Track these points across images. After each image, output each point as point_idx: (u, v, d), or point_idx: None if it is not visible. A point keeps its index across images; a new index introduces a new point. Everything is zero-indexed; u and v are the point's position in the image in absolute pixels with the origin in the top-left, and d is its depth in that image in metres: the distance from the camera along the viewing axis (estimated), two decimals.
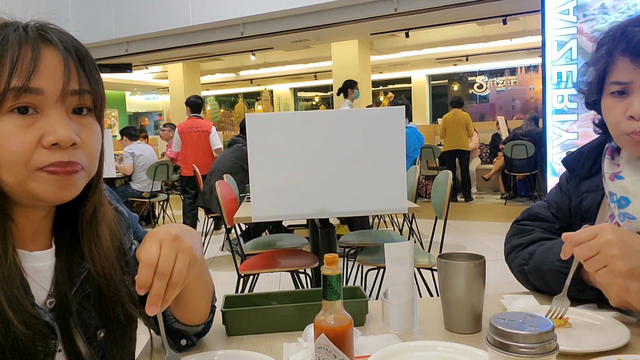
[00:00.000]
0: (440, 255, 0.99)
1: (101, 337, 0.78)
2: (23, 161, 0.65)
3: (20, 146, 0.65)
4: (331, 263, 0.70)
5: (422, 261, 2.72)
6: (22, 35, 0.65)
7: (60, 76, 0.66)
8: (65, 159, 0.67)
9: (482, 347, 0.81)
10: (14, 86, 0.64)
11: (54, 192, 0.68)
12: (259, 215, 2.17)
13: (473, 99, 14.68)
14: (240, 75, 14.71)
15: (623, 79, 0.94)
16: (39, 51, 0.65)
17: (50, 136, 0.66)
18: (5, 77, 0.64)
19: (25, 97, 0.65)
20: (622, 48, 0.93)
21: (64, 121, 0.67)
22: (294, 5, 6.91)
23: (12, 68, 0.64)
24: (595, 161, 1.10)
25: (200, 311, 0.92)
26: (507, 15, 7.35)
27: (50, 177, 0.67)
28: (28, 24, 0.68)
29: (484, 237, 5.46)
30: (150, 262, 0.69)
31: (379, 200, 2.15)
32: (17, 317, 0.66)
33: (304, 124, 2.14)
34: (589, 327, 0.91)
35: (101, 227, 0.77)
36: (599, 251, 0.82)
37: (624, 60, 0.93)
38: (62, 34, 0.69)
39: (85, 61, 0.69)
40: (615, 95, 0.96)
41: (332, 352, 0.71)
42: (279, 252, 3.07)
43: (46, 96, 0.66)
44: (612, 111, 0.97)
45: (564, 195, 1.16)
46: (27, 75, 0.64)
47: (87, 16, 8.12)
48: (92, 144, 0.71)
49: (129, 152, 6.24)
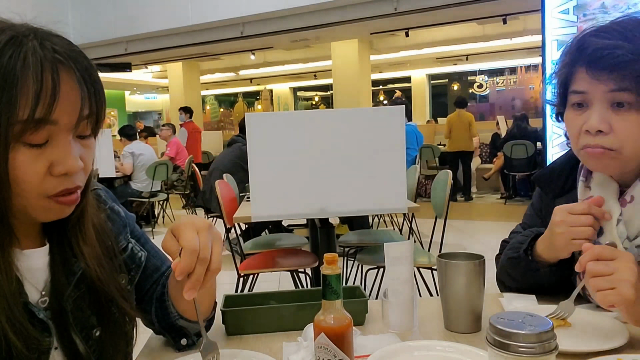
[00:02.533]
0: (440, 254, 0.99)
1: (97, 335, 0.79)
2: (35, 191, 0.67)
3: (31, 176, 0.66)
4: (331, 263, 0.70)
5: (422, 261, 2.72)
6: (41, 57, 0.63)
7: (76, 105, 0.66)
8: (72, 185, 0.70)
9: (481, 346, 0.81)
10: (37, 117, 0.63)
11: (54, 216, 0.71)
12: (259, 215, 2.17)
13: (473, 99, 14.68)
14: (240, 74, 14.72)
15: (580, 88, 0.92)
16: (59, 79, 0.64)
17: (60, 167, 0.67)
18: (30, 105, 0.62)
19: (43, 130, 0.64)
20: (580, 58, 0.92)
21: (72, 150, 0.68)
22: (293, 4, 6.91)
23: (37, 97, 0.62)
24: (568, 177, 1.07)
25: (204, 306, 0.92)
26: (507, 15, 7.35)
27: (55, 206, 0.70)
28: (36, 32, 0.66)
29: (483, 237, 5.46)
30: (194, 249, 0.73)
31: (378, 200, 2.15)
32: (11, 316, 0.66)
33: (303, 123, 2.14)
34: (588, 327, 0.91)
35: (87, 227, 0.78)
36: (613, 272, 0.79)
37: (582, 71, 0.91)
38: (72, 52, 0.67)
39: (95, 82, 0.69)
40: (575, 107, 0.94)
41: (331, 352, 0.71)
42: (279, 251, 3.07)
43: (59, 126, 0.66)
44: (572, 124, 0.95)
45: (537, 215, 1.14)
46: (48, 108, 0.63)
47: (86, 15, 8.11)
48: (90, 163, 0.73)
49: (129, 152, 6.23)
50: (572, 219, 0.92)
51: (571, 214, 0.92)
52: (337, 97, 9.72)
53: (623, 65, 0.86)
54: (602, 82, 0.88)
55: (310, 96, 18.59)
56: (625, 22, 0.90)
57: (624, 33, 0.88)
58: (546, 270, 1.02)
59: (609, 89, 0.88)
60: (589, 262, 0.82)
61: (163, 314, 0.92)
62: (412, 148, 5.45)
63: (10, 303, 0.66)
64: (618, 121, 0.88)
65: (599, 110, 0.90)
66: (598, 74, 0.88)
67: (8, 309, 0.66)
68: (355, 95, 9.27)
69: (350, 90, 9.37)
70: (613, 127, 0.89)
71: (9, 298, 0.67)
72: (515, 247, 1.06)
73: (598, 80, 0.89)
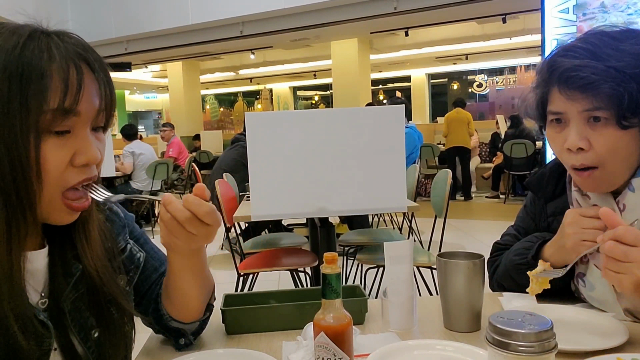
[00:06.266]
0: (439, 254, 0.99)
1: (95, 336, 0.79)
2: (56, 182, 0.68)
3: (56, 166, 0.67)
4: (331, 262, 0.70)
5: (422, 260, 2.72)
6: (65, 50, 0.66)
7: (95, 98, 0.69)
8: (90, 175, 0.71)
9: (481, 345, 0.81)
10: (66, 107, 0.65)
11: (61, 220, 0.72)
12: (259, 214, 2.17)
13: (472, 98, 14.68)
14: (240, 74, 14.71)
15: (556, 109, 0.92)
16: (82, 72, 0.67)
17: (82, 156, 0.68)
18: (60, 94, 0.64)
19: (68, 120, 0.66)
20: (551, 79, 0.92)
21: (92, 141, 0.70)
22: (293, 3, 6.91)
23: (65, 87, 0.65)
24: (558, 182, 1.07)
25: (194, 306, 0.91)
26: (507, 14, 7.35)
27: (67, 211, 0.71)
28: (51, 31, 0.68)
29: (483, 236, 5.46)
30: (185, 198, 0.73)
31: (378, 199, 2.15)
32: (14, 316, 0.66)
33: (303, 122, 2.14)
34: (588, 326, 0.91)
35: (93, 228, 0.78)
36: (631, 262, 0.75)
37: (556, 91, 0.91)
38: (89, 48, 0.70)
39: (108, 77, 0.72)
40: (554, 124, 0.94)
41: (331, 351, 0.71)
42: (279, 251, 3.07)
43: (81, 117, 0.68)
44: (553, 143, 0.96)
45: (530, 219, 1.15)
46: (75, 98, 0.65)
47: (86, 15, 8.11)
48: (103, 156, 0.74)
49: (129, 152, 6.22)
50: (583, 221, 0.92)
51: (583, 217, 0.92)
52: (337, 97, 9.72)
53: (592, 86, 0.85)
54: (576, 101, 0.88)
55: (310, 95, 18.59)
56: (593, 39, 0.90)
57: (593, 51, 0.88)
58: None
59: (584, 108, 0.88)
60: (610, 241, 0.77)
61: (157, 315, 0.92)
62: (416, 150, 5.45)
63: (18, 302, 0.67)
64: (596, 137, 0.89)
65: (576, 127, 0.90)
66: (571, 94, 0.88)
67: (16, 307, 0.66)
68: (355, 95, 9.27)
69: (350, 90, 9.37)
70: (592, 144, 0.89)
71: (17, 297, 0.67)
72: (521, 253, 1.06)
73: (572, 100, 0.89)
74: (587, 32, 0.93)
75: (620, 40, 0.88)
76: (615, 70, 0.85)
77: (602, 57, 0.86)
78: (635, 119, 0.86)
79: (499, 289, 1.16)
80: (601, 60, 0.86)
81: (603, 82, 0.85)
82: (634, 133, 0.88)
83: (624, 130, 0.87)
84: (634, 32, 0.90)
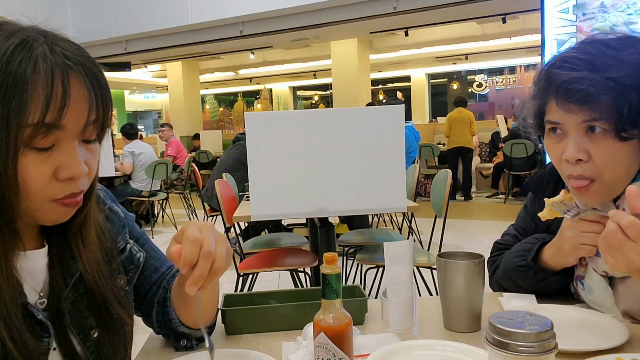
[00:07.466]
0: (439, 254, 0.99)
1: (95, 336, 0.78)
2: (40, 194, 0.66)
3: (37, 179, 0.65)
4: (330, 262, 0.70)
5: (422, 260, 2.72)
6: (52, 62, 0.63)
7: (83, 111, 0.66)
8: (76, 189, 0.69)
9: (481, 346, 0.81)
10: (47, 122, 0.63)
11: (56, 219, 0.71)
12: (259, 214, 2.17)
13: (472, 98, 14.68)
14: (240, 73, 14.71)
15: (554, 119, 0.91)
16: (69, 85, 0.64)
17: (65, 171, 0.67)
18: (41, 109, 0.62)
19: (51, 135, 0.64)
20: (548, 91, 0.91)
21: (77, 155, 0.68)
22: (293, 3, 6.91)
23: (47, 102, 0.62)
24: (557, 182, 1.06)
25: (206, 315, 0.91)
26: (507, 14, 7.35)
27: (60, 209, 0.69)
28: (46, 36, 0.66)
29: (483, 236, 5.45)
30: (196, 239, 0.71)
31: (378, 199, 2.15)
32: (9, 321, 0.66)
33: (303, 122, 2.14)
34: (588, 326, 0.92)
35: (90, 231, 0.78)
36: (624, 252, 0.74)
37: (553, 103, 0.91)
38: (82, 57, 0.67)
39: (103, 88, 0.69)
40: (552, 134, 0.94)
41: (331, 351, 0.71)
42: (278, 251, 3.07)
43: (66, 131, 0.66)
44: (552, 152, 0.95)
45: (530, 219, 1.14)
46: (58, 113, 0.63)
47: (86, 14, 8.10)
48: (94, 168, 0.73)
49: (129, 152, 6.22)
50: (582, 225, 0.92)
51: (582, 220, 0.92)
52: (337, 97, 9.72)
53: (590, 98, 0.84)
54: (574, 113, 0.87)
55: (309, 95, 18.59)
56: (591, 49, 0.88)
57: (591, 62, 0.86)
58: (555, 279, 1.02)
59: (582, 120, 0.87)
60: (613, 224, 0.75)
61: (165, 319, 0.92)
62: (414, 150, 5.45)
63: (10, 309, 0.66)
64: (595, 148, 0.87)
65: (574, 138, 0.89)
66: (569, 106, 0.87)
67: (7, 314, 0.66)
68: (355, 95, 9.27)
69: (350, 90, 9.38)
70: (591, 155, 0.88)
71: (9, 303, 0.66)
72: (521, 254, 1.06)
73: (570, 112, 0.88)
74: (584, 41, 0.92)
75: (618, 49, 0.87)
76: (614, 82, 0.83)
77: (601, 68, 0.85)
78: (634, 131, 0.85)
79: (498, 289, 1.16)
80: (599, 71, 0.84)
81: (602, 94, 0.83)
82: (633, 144, 0.87)
83: (623, 142, 0.86)
84: (632, 40, 0.89)
